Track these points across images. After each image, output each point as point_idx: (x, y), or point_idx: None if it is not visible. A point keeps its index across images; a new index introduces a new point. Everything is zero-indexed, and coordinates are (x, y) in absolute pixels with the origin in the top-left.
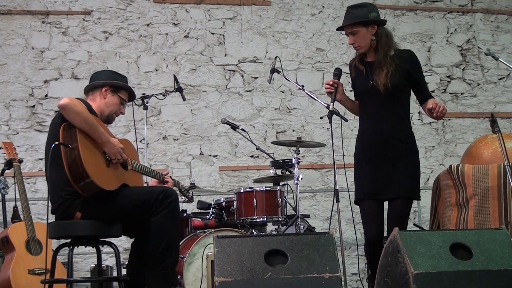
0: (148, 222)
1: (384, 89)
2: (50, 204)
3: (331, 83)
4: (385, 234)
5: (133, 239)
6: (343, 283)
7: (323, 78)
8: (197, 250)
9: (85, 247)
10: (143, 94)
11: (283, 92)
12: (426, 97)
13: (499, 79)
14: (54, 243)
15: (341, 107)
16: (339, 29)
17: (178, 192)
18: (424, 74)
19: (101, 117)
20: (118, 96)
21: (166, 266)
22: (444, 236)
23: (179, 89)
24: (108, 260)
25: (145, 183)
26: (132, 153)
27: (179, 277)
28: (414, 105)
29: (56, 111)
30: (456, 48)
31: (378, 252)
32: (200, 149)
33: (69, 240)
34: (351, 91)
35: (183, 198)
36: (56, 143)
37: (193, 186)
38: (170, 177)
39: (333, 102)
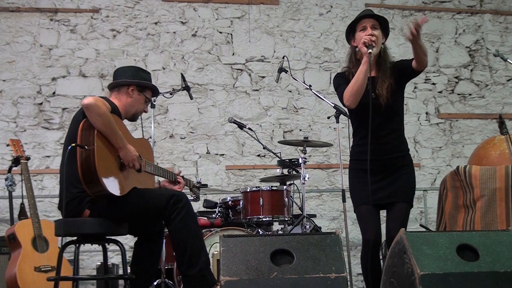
0: (168, 229)
1: (386, 102)
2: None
3: (374, 39)
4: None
5: (136, 238)
6: (349, 283)
7: (330, 78)
8: None
9: (91, 245)
10: None
11: (290, 91)
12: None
13: (508, 80)
14: (62, 241)
15: None
16: (360, 18)
17: (188, 189)
18: (432, 74)
19: (126, 115)
20: (144, 95)
21: (201, 268)
22: (451, 237)
23: (186, 88)
24: (114, 258)
25: (156, 182)
26: (148, 153)
27: None
28: (421, 106)
29: (63, 109)
30: (464, 49)
31: (375, 260)
32: (207, 147)
33: (75, 238)
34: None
35: (192, 195)
36: (73, 144)
37: (204, 185)
38: (183, 177)
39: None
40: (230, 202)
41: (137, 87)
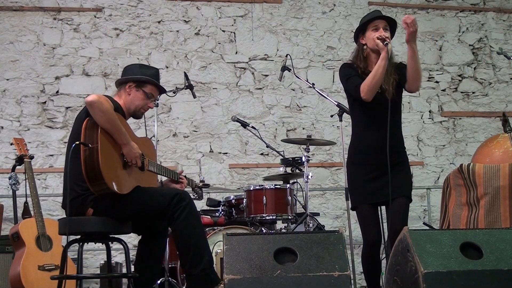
0: (171, 229)
1: (391, 96)
2: (63, 198)
3: (388, 35)
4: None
5: (140, 237)
6: (352, 281)
7: (333, 76)
8: None
9: (95, 243)
10: None
11: (293, 90)
12: None
13: (511, 78)
14: (65, 239)
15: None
16: (374, 18)
17: (190, 189)
18: (435, 72)
19: (128, 113)
20: (143, 91)
21: (204, 267)
22: (454, 236)
23: (189, 87)
24: (118, 257)
25: (159, 181)
26: (151, 152)
27: None
28: (425, 104)
29: (67, 108)
30: (467, 47)
31: (376, 259)
32: (210, 146)
33: (79, 237)
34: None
35: (194, 195)
36: (77, 142)
37: (206, 185)
38: (185, 176)
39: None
40: (233, 201)
41: (134, 84)
